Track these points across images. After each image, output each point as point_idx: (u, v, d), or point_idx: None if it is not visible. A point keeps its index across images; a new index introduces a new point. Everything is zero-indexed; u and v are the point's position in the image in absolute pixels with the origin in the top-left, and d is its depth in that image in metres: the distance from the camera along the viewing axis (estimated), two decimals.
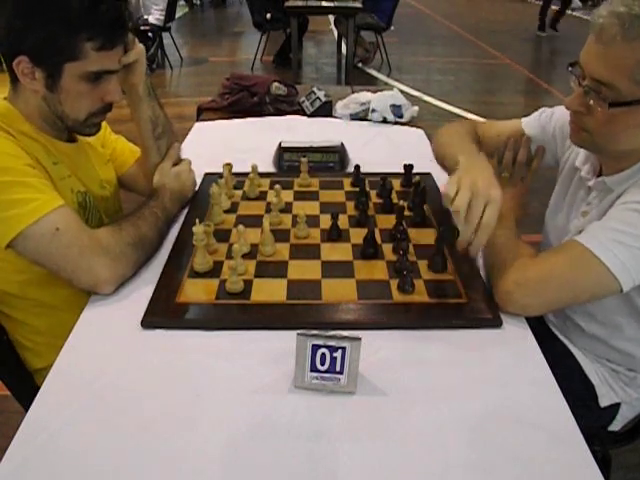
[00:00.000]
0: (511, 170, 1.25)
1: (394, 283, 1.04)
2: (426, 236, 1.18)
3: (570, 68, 0.99)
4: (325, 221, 1.22)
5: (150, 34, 5.92)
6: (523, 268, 0.97)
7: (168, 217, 1.22)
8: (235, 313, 0.99)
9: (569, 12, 8.77)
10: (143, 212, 1.14)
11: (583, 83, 0.95)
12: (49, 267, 1.00)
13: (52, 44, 0.98)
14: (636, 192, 0.95)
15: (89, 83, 1.04)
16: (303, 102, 2.02)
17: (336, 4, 5.39)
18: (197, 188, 1.40)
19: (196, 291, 1.03)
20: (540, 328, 1.12)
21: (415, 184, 1.30)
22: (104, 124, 1.33)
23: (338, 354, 0.80)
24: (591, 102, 0.94)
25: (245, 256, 1.10)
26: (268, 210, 1.28)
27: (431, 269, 1.08)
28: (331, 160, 1.55)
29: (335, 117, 1.96)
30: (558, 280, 0.94)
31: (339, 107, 1.97)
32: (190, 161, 1.37)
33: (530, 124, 1.29)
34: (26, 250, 0.98)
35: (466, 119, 1.39)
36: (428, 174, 1.47)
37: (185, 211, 1.30)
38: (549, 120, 1.26)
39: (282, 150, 1.56)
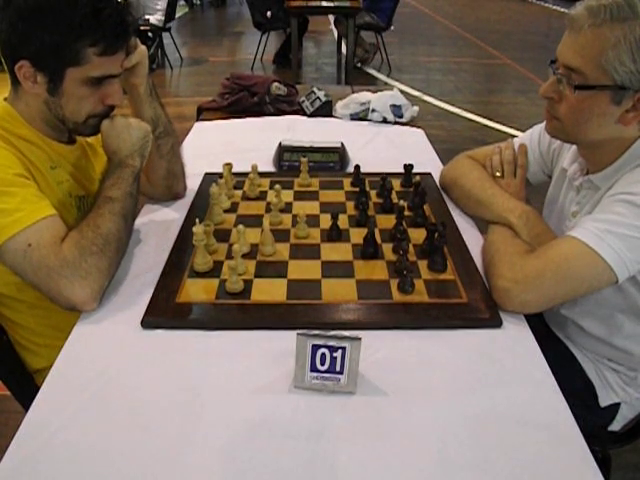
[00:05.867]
0: (500, 169, 1.28)
1: (394, 283, 1.04)
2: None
3: (551, 65, 1.03)
4: (325, 221, 1.22)
5: (150, 34, 5.94)
6: (520, 264, 0.98)
7: (126, 192, 1.08)
8: (235, 313, 0.98)
9: None
10: (98, 205, 1.05)
11: (557, 72, 0.99)
12: (29, 283, 0.98)
13: (54, 49, 0.98)
14: (623, 184, 0.97)
15: (91, 87, 1.04)
16: (303, 102, 2.02)
17: (336, 4, 5.38)
18: (197, 188, 1.40)
19: (196, 291, 1.03)
20: (540, 328, 1.12)
21: (415, 184, 1.30)
22: None
23: (338, 354, 0.80)
24: (561, 88, 0.98)
25: (245, 256, 1.10)
26: (268, 210, 1.28)
27: (431, 269, 1.08)
28: (331, 160, 1.55)
29: (335, 117, 1.96)
30: (555, 274, 0.95)
31: (339, 107, 1.97)
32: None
33: (520, 140, 1.32)
34: (6, 264, 0.97)
35: (465, 155, 1.40)
36: (428, 174, 1.47)
37: (185, 211, 1.30)
38: (533, 134, 1.29)
39: (282, 150, 1.56)
